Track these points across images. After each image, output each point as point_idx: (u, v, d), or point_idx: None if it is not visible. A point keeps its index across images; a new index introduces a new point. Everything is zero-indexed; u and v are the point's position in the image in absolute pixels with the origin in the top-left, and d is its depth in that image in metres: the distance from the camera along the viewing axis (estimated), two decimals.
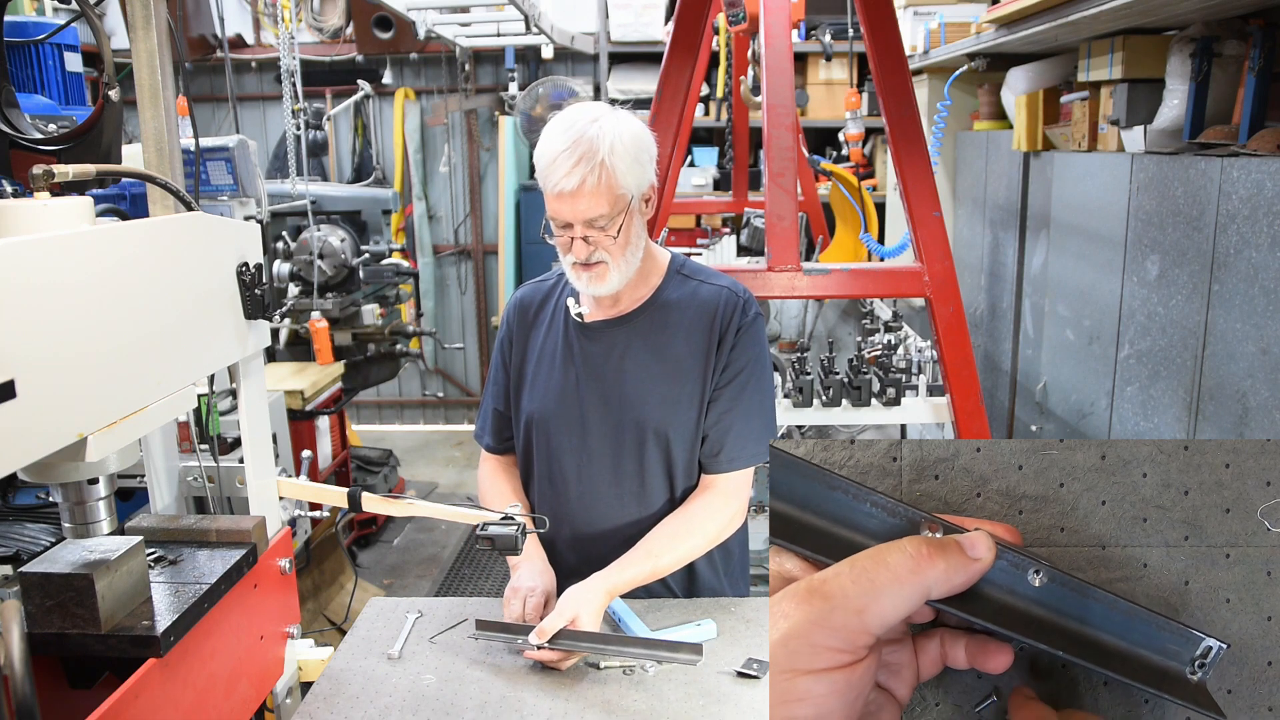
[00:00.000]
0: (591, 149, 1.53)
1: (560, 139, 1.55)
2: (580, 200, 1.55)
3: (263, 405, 1.46)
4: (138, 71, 1.46)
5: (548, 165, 1.56)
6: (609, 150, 1.54)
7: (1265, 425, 2.15)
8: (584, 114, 1.59)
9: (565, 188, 1.53)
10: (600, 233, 1.58)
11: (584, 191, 1.54)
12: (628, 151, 1.57)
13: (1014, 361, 4.01)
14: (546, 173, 1.56)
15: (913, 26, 4.58)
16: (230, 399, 2.61)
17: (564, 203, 1.56)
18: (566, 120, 1.58)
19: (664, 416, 1.70)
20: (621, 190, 1.57)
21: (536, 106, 5.98)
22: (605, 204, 1.56)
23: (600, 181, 1.54)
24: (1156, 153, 2.76)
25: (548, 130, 1.59)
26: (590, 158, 1.53)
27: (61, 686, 1.23)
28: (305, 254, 4.10)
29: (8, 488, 2.29)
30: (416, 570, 4.66)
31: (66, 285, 0.99)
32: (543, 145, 1.58)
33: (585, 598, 1.56)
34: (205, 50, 6.02)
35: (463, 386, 6.89)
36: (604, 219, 1.57)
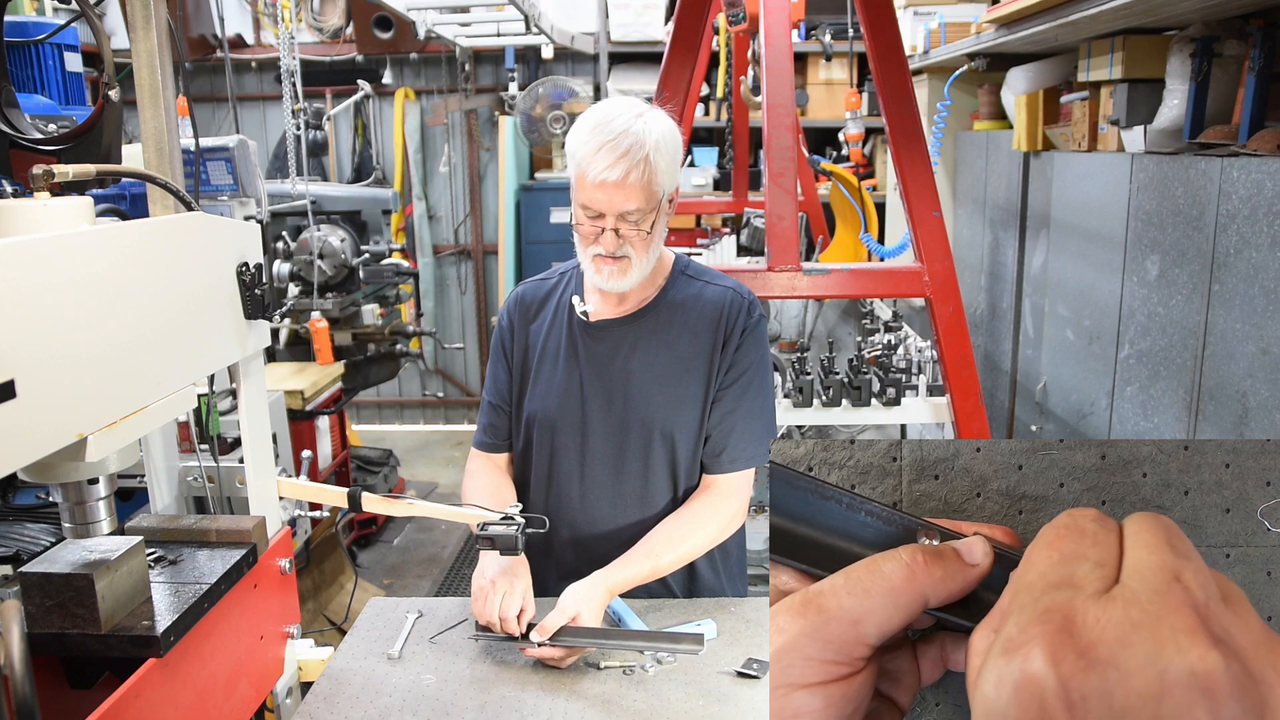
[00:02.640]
0: (638, 143, 1.55)
1: (605, 130, 1.56)
2: (621, 192, 1.56)
3: (263, 405, 1.46)
4: (138, 71, 1.46)
5: (590, 154, 1.56)
6: (654, 147, 1.57)
7: (1265, 425, 2.15)
8: (628, 108, 1.60)
9: (609, 178, 1.55)
10: (632, 226, 1.60)
11: (626, 184, 1.55)
12: (669, 150, 1.60)
13: (1014, 361, 4.01)
14: (588, 161, 1.56)
15: (913, 26, 4.58)
16: (230, 399, 2.61)
17: (603, 192, 1.57)
18: (610, 112, 1.59)
19: (670, 416, 1.71)
20: (657, 187, 1.59)
21: (536, 106, 5.98)
22: (642, 198, 1.58)
23: (643, 176, 1.56)
24: (1156, 153, 2.76)
25: (586, 120, 1.60)
26: (636, 151, 1.55)
27: (61, 686, 1.23)
28: (305, 254, 4.10)
29: (8, 488, 2.29)
30: (416, 570, 4.66)
31: (66, 285, 0.99)
32: (583, 135, 1.59)
33: (586, 595, 1.56)
34: (205, 50, 6.02)
35: (463, 386, 6.88)
36: (638, 213, 1.59)
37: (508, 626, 1.54)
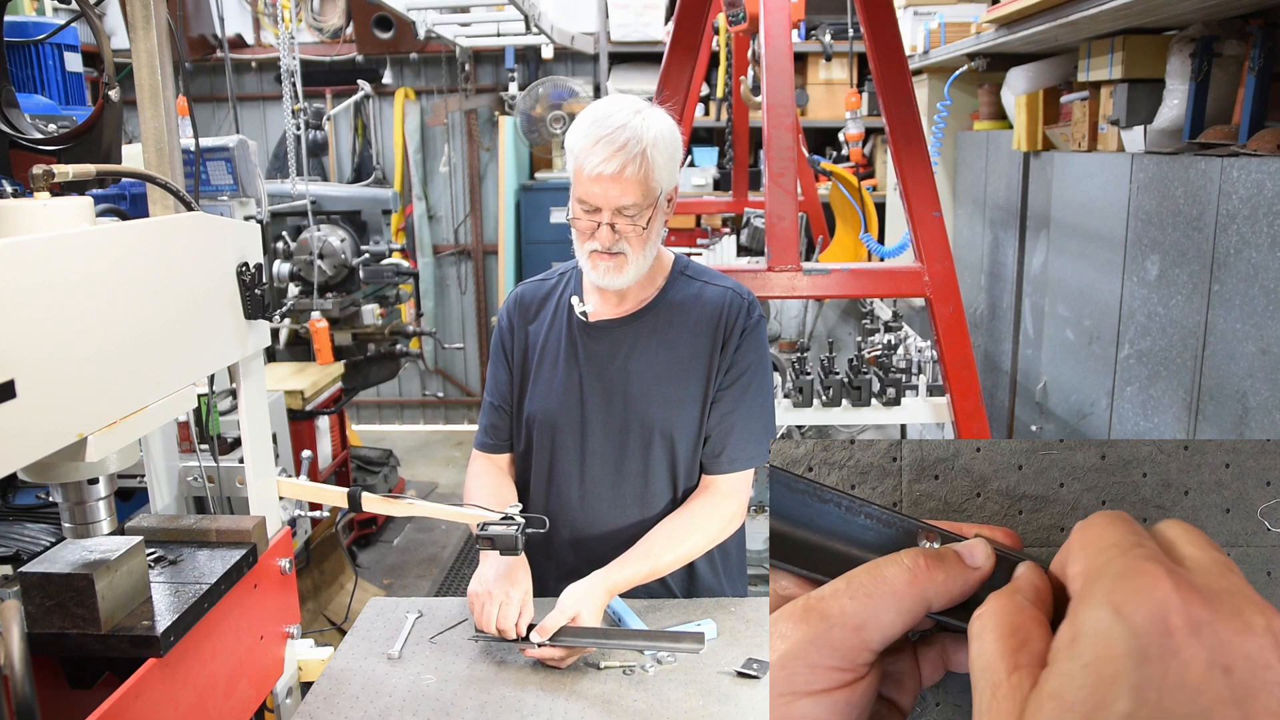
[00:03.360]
0: (636, 138, 1.55)
1: (602, 125, 1.57)
2: (617, 185, 1.56)
3: (263, 405, 1.46)
4: (138, 71, 1.46)
5: (588, 148, 1.57)
6: (652, 143, 1.57)
7: (1265, 425, 2.15)
8: (626, 104, 1.61)
9: (605, 171, 1.55)
10: (629, 222, 1.60)
11: (623, 178, 1.55)
12: (667, 147, 1.60)
13: (1014, 361, 4.01)
14: (586, 155, 1.57)
15: (913, 26, 4.58)
16: (230, 399, 2.61)
17: (600, 185, 1.57)
18: (609, 108, 1.60)
19: (670, 417, 1.71)
20: (654, 183, 1.59)
21: (536, 106, 5.98)
22: (639, 193, 1.57)
23: (640, 171, 1.56)
24: (1156, 153, 2.76)
25: (585, 116, 1.61)
26: (633, 146, 1.55)
27: (61, 686, 1.23)
28: (305, 254, 4.10)
29: (8, 488, 2.29)
30: (416, 570, 4.66)
31: (66, 285, 0.99)
32: (582, 129, 1.59)
33: (585, 595, 1.56)
34: (205, 50, 6.02)
35: (463, 386, 6.88)
36: (634, 209, 1.59)
37: (508, 636, 1.54)
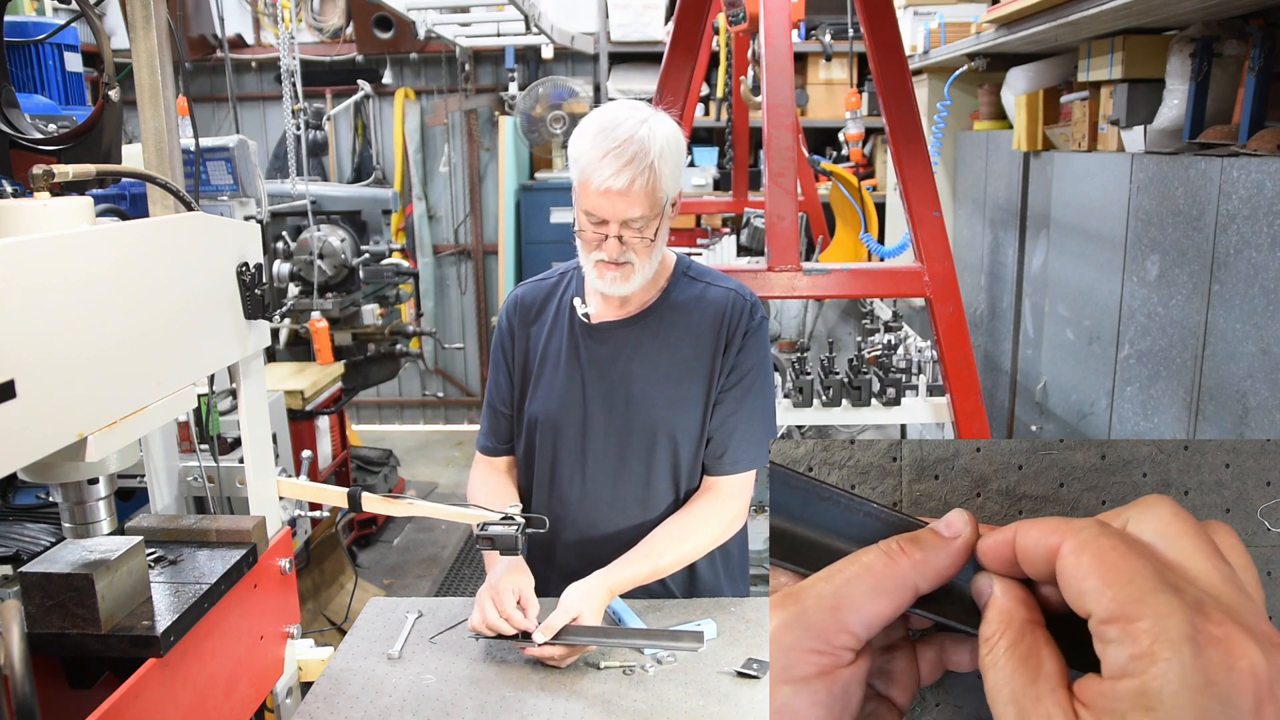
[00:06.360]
0: (643, 150, 1.53)
1: (609, 137, 1.54)
2: (625, 200, 1.54)
3: (263, 405, 1.46)
4: (138, 71, 1.46)
5: (595, 161, 1.54)
6: (659, 154, 1.54)
7: (1265, 425, 2.15)
8: (633, 113, 1.58)
9: (613, 186, 1.53)
10: (636, 233, 1.58)
11: (631, 192, 1.53)
12: (673, 156, 1.58)
13: (1014, 361, 4.01)
14: (592, 169, 1.54)
15: (913, 26, 4.58)
16: (230, 399, 2.61)
17: (608, 200, 1.55)
18: (615, 117, 1.57)
19: (673, 418, 1.70)
20: (661, 194, 1.57)
21: (536, 106, 5.98)
22: (646, 206, 1.56)
23: (647, 183, 1.54)
24: (1156, 153, 2.76)
25: (590, 124, 1.58)
26: (641, 159, 1.52)
27: (61, 686, 1.23)
28: (305, 254, 4.10)
29: (8, 488, 2.29)
30: (416, 570, 4.66)
31: (66, 285, 0.99)
32: (586, 139, 1.56)
33: (587, 595, 1.56)
34: (205, 50, 6.01)
35: (463, 386, 6.88)
36: (642, 220, 1.57)
37: (514, 623, 1.54)
